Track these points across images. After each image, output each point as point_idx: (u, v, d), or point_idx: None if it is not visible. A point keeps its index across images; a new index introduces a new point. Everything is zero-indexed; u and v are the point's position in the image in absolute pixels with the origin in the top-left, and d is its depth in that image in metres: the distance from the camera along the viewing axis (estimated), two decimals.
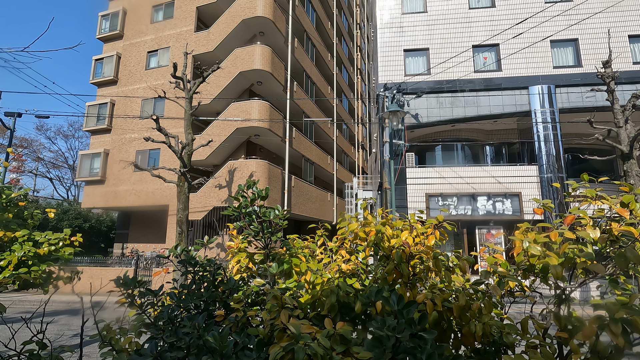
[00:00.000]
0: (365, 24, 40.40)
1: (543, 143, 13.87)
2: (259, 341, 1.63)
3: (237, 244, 2.30)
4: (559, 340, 1.73)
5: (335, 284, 1.89)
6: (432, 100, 15.03)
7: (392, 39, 15.94)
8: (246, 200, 2.09)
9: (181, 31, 18.85)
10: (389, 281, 1.71)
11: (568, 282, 1.86)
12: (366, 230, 1.87)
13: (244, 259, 2.14)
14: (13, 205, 3.37)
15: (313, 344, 1.29)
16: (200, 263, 1.82)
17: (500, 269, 1.64)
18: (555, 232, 1.65)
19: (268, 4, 17.32)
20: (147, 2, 20.16)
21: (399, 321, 1.24)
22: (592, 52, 14.18)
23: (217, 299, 1.79)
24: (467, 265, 1.63)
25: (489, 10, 15.48)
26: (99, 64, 20.35)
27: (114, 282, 1.92)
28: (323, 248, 2.41)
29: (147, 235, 19.65)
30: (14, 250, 2.69)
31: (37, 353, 2.08)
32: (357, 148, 34.30)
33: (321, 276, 2.04)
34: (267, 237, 2.08)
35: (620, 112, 10.21)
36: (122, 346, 2.11)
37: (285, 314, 1.52)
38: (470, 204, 14.09)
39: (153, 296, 1.91)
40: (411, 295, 1.69)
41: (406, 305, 1.38)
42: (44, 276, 2.83)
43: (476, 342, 1.62)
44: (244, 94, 18.54)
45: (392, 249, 1.71)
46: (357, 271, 2.01)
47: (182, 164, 11.92)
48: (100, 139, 19.85)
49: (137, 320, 2.19)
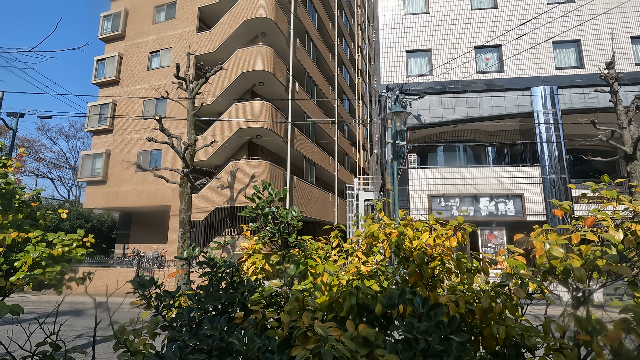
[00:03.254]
0: (366, 24, 40.44)
1: (545, 144, 13.87)
2: (280, 343, 1.62)
3: (252, 245, 2.29)
4: (577, 342, 1.73)
5: (353, 286, 1.88)
6: (434, 101, 15.03)
7: (394, 39, 15.95)
8: (264, 201, 2.08)
9: (183, 32, 18.86)
10: (411, 283, 1.70)
11: (587, 284, 1.85)
12: (387, 232, 1.87)
13: (259, 260, 2.13)
14: (25, 205, 3.36)
15: (340, 346, 1.28)
16: (218, 264, 1.81)
17: (523, 271, 1.63)
18: (577, 234, 1.64)
19: (270, 5, 17.33)
20: (149, 2, 20.16)
21: (428, 324, 1.23)
22: (594, 53, 14.19)
23: (235, 301, 1.78)
24: (489, 268, 1.62)
25: (491, 12, 15.49)
26: (100, 65, 20.35)
27: (131, 283, 1.91)
28: (338, 249, 2.40)
29: (148, 235, 19.64)
30: (28, 251, 2.68)
31: (50, 354, 2.08)
32: (358, 149, 34.30)
33: (337, 278, 2.03)
34: (284, 239, 2.07)
35: (624, 113, 10.20)
36: (137, 348, 2.10)
37: (308, 316, 1.51)
38: (473, 204, 14.08)
39: (170, 298, 1.90)
40: (431, 297, 1.68)
41: (432, 308, 1.37)
42: (58, 277, 2.82)
43: (497, 344, 1.61)
44: (245, 95, 18.53)
45: (413, 250, 1.70)
46: (374, 273, 2.00)
47: (185, 164, 11.91)
48: (102, 140, 19.84)
49: (151, 322, 2.18)
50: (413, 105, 14.86)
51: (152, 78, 18.91)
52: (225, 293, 1.76)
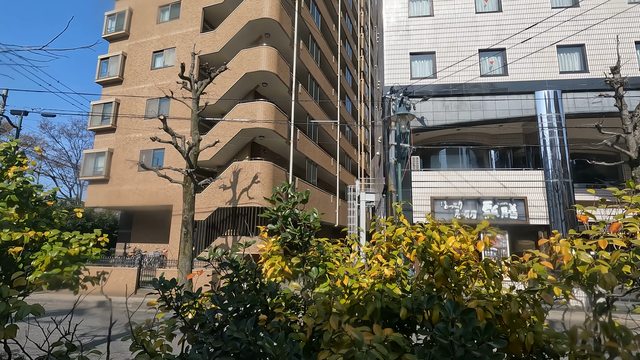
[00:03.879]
0: (368, 26, 40.49)
1: (549, 148, 13.87)
2: (305, 346, 1.61)
3: (270, 246, 2.28)
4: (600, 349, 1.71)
5: (375, 289, 1.87)
6: (437, 104, 15.03)
7: (398, 42, 15.95)
8: (287, 203, 2.07)
9: (187, 32, 18.87)
10: (437, 287, 1.69)
11: (611, 290, 1.84)
12: (412, 235, 1.86)
13: (279, 262, 2.12)
14: (41, 204, 3.34)
15: (373, 351, 1.27)
16: (241, 266, 1.80)
17: (550, 277, 1.63)
18: (604, 240, 1.64)
19: (275, 6, 17.35)
20: (153, 2, 20.19)
21: (465, 330, 1.22)
22: (598, 57, 14.20)
23: (257, 303, 1.77)
24: (517, 273, 1.61)
25: (495, 15, 15.50)
26: (104, 63, 20.36)
27: (152, 284, 1.90)
28: (357, 252, 2.39)
29: (150, 235, 19.62)
30: (45, 251, 2.66)
31: (65, 355, 2.07)
32: (359, 150, 34.31)
33: (358, 281, 2.02)
34: (305, 241, 2.06)
35: (629, 118, 10.20)
36: (154, 349, 2.09)
37: (335, 319, 1.50)
38: (476, 208, 14.07)
39: (191, 299, 1.89)
40: (457, 301, 1.67)
41: (463, 313, 1.36)
42: (75, 277, 2.80)
43: (523, 351, 1.60)
44: (249, 95, 18.54)
45: (440, 254, 1.69)
46: (396, 276, 1.99)
47: (189, 164, 11.90)
48: (105, 138, 19.83)
49: (169, 323, 2.17)
50: (416, 108, 14.86)
51: (156, 77, 18.92)
52: (247, 295, 1.74)
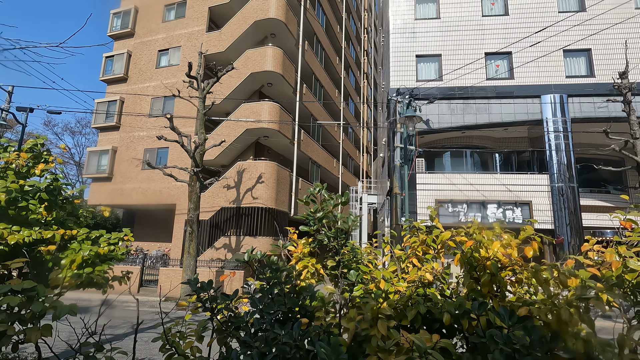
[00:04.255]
0: (372, 28, 40.52)
1: (554, 152, 13.86)
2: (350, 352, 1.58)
3: (301, 248, 2.26)
4: None
5: (415, 294, 1.85)
6: (443, 107, 15.02)
7: (404, 44, 15.96)
8: (326, 205, 2.05)
9: (192, 31, 18.86)
10: (484, 292, 1.67)
11: None
12: (458, 240, 1.84)
13: (313, 264, 2.10)
14: (68, 202, 3.32)
15: (431, 357, 1.25)
16: (281, 268, 1.78)
17: (599, 284, 1.61)
18: None
19: (281, 6, 17.35)
20: (159, 1, 20.19)
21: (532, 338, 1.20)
22: (605, 62, 14.21)
23: (297, 306, 1.75)
24: (567, 280, 1.59)
25: (502, 19, 15.51)
26: (109, 61, 20.35)
27: (189, 285, 1.88)
28: (390, 255, 2.37)
29: (152, 234, 19.57)
30: (74, 249, 2.63)
31: (92, 355, 2.06)
32: (362, 152, 34.30)
33: (393, 285, 2.00)
34: (341, 243, 2.04)
35: (637, 123, 10.20)
36: (184, 351, 2.07)
37: (383, 324, 1.48)
38: (480, 211, 14.06)
39: (228, 301, 1.86)
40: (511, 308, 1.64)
41: (520, 320, 1.34)
42: (106, 276, 2.78)
43: None
44: (253, 95, 18.53)
45: (487, 259, 1.67)
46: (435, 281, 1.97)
47: (195, 163, 11.88)
48: (108, 136, 19.80)
49: (199, 325, 2.15)
50: (422, 110, 14.85)
51: (161, 76, 18.90)
52: (288, 298, 1.72)
